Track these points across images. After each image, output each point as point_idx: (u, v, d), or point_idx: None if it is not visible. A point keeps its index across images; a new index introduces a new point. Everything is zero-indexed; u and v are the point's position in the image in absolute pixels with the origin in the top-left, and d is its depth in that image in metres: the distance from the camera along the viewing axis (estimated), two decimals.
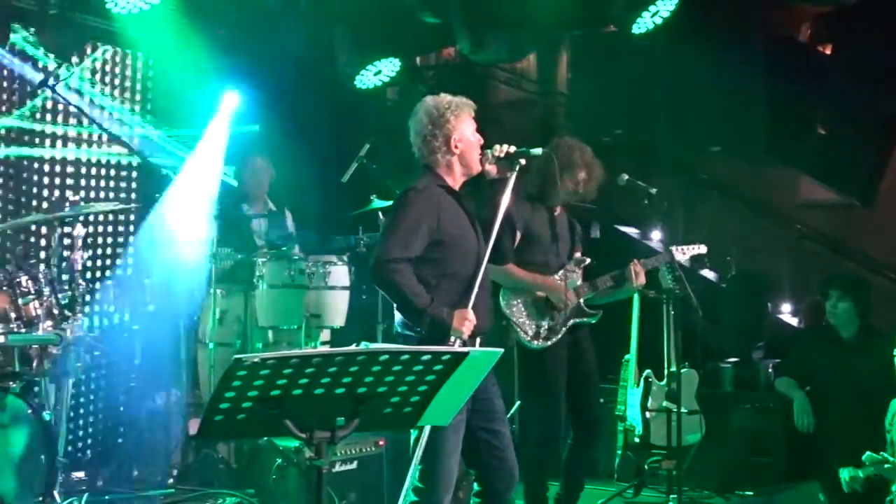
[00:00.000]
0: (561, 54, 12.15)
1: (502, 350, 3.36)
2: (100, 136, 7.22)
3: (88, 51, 7.18)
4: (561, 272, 5.78)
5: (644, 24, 7.80)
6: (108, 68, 7.40)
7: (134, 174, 7.59)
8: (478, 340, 4.39)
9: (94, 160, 7.34)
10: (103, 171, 7.42)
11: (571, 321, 5.73)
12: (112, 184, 7.47)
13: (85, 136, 7.24)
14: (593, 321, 5.85)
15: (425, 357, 3.18)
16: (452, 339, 4.31)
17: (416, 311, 4.35)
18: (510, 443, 4.57)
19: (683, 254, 6.19)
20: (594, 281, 5.86)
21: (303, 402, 3.11)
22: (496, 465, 4.51)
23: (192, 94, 7.51)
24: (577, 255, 5.90)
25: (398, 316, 4.51)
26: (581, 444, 5.87)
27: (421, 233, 4.39)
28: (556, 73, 12.29)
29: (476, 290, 4.40)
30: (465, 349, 3.28)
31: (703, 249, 6.31)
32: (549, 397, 5.70)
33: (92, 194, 7.27)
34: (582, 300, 5.78)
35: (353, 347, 3.21)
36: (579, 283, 5.82)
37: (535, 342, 5.65)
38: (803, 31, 11.37)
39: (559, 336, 5.69)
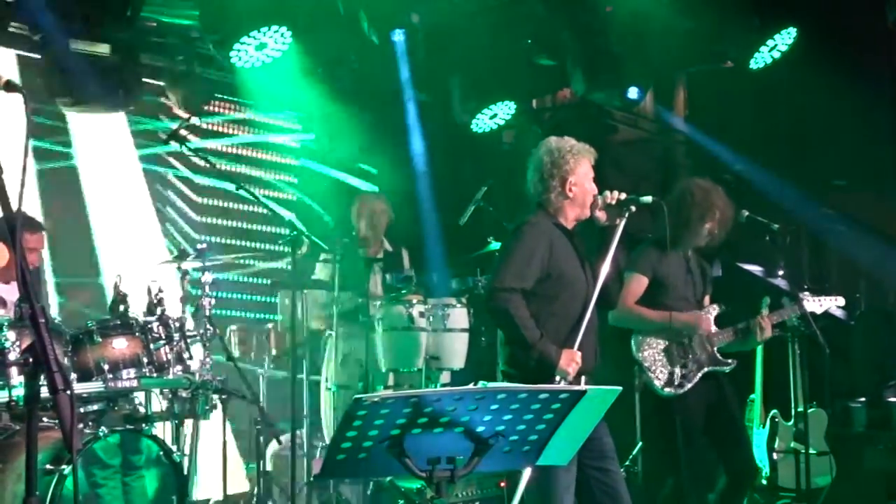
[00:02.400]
0: (678, 91, 12.04)
1: (620, 388, 3.34)
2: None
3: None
4: None
5: (762, 58, 7.71)
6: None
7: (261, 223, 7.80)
8: (583, 380, 4.38)
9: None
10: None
11: (705, 369, 5.61)
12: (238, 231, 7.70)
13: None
14: (727, 370, 5.70)
15: (543, 395, 3.19)
16: (557, 378, 4.32)
17: (526, 343, 4.39)
18: (622, 480, 4.55)
19: (820, 305, 6.00)
20: (726, 329, 5.73)
21: (423, 440, 3.15)
22: (609, 502, 4.48)
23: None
24: (707, 299, 5.81)
25: (503, 354, 4.55)
26: (733, 492, 5.69)
27: (534, 264, 4.44)
28: (673, 110, 12.17)
29: (583, 330, 4.41)
30: (583, 387, 3.28)
31: (840, 302, 6.10)
32: (684, 446, 5.56)
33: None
34: (716, 348, 5.66)
35: (470, 386, 3.24)
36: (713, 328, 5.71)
37: (668, 389, 5.55)
38: None
39: (692, 384, 5.58)
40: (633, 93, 8.42)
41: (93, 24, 6.54)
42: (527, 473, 4.27)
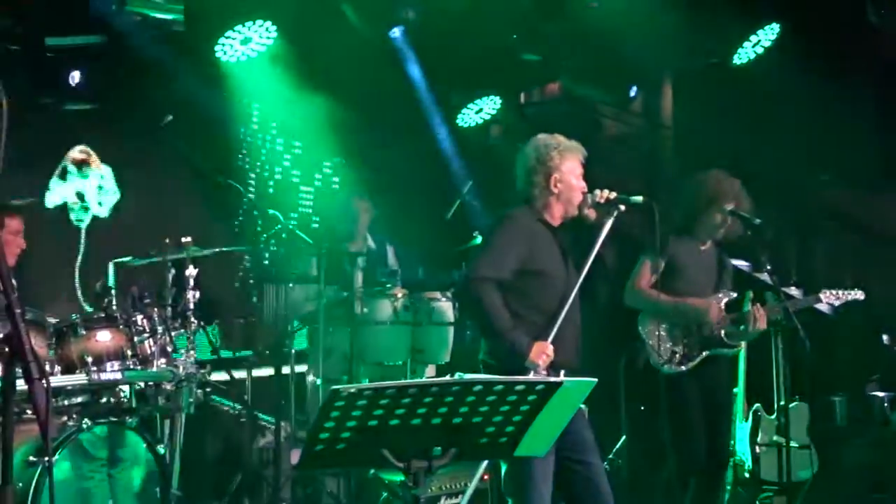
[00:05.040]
0: (665, 87, 12.06)
1: (595, 381, 3.37)
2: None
3: None
4: None
5: (745, 53, 7.74)
6: None
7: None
8: (562, 374, 4.41)
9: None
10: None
11: (707, 351, 5.69)
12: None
13: None
14: (730, 353, 5.83)
15: (519, 387, 3.22)
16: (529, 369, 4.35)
17: (496, 332, 4.41)
18: (603, 473, 4.58)
19: (837, 299, 6.08)
20: (727, 316, 5.80)
21: (400, 431, 3.17)
22: (591, 495, 4.52)
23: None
24: (724, 290, 5.87)
25: (483, 345, 4.58)
26: (708, 479, 5.75)
27: (511, 256, 4.47)
28: (660, 106, 12.19)
29: (559, 324, 4.44)
30: (559, 379, 3.31)
31: (860, 295, 6.20)
32: (684, 425, 5.66)
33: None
34: (723, 331, 5.73)
35: (447, 378, 3.26)
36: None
37: (667, 366, 5.64)
38: None
39: (693, 363, 5.66)
40: (632, 91, 8.50)
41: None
42: (481, 470, 4.32)
